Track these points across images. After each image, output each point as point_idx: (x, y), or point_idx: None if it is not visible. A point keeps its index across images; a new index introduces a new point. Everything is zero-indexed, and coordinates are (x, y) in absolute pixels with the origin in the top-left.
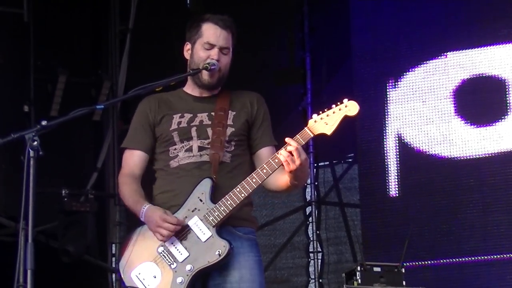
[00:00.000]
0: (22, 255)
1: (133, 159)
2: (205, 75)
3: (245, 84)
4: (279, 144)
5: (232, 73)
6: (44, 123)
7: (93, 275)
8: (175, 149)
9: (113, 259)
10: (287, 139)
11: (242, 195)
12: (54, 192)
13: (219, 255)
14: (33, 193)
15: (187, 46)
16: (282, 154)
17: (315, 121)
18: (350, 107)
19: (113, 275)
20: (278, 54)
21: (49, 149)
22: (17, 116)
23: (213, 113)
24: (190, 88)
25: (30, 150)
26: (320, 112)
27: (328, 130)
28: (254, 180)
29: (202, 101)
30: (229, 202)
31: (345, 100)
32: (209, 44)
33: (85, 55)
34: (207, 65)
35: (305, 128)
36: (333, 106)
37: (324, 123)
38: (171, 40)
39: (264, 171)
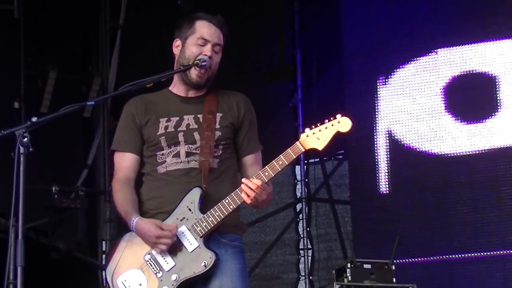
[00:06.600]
0: (12, 252)
1: (126, 162)
2: (193, 73)
3: (235, 81)
4: (268, 148)
5: (222, 70)
6: (34, 119)
7: (83, 271)
8: (163, 154)
9: (103, 256)
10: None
11: (231, 207)
12: (44, 188)
13: (205, 266)
14: (23, 190)
15: (177, 42)
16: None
17: (307, 136)
18: (342, 123)
19: (104, 272)
20: (268, 51)
21: (39, 146)
22: (7, 112)
23: (200, 116)
24: (176, 87)
25: (20, 146)
26: (313, 126)
27: (320, 145)
28: (243, 193)
29: (189, 102)
30: (217, 214)
31: (338, 116)
32: (203, 39)
33: (75, 51)
34: (198, 61)
35: (297, 142)
36: (326, 121)
37: (316, 138)
38: (161, 37)
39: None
